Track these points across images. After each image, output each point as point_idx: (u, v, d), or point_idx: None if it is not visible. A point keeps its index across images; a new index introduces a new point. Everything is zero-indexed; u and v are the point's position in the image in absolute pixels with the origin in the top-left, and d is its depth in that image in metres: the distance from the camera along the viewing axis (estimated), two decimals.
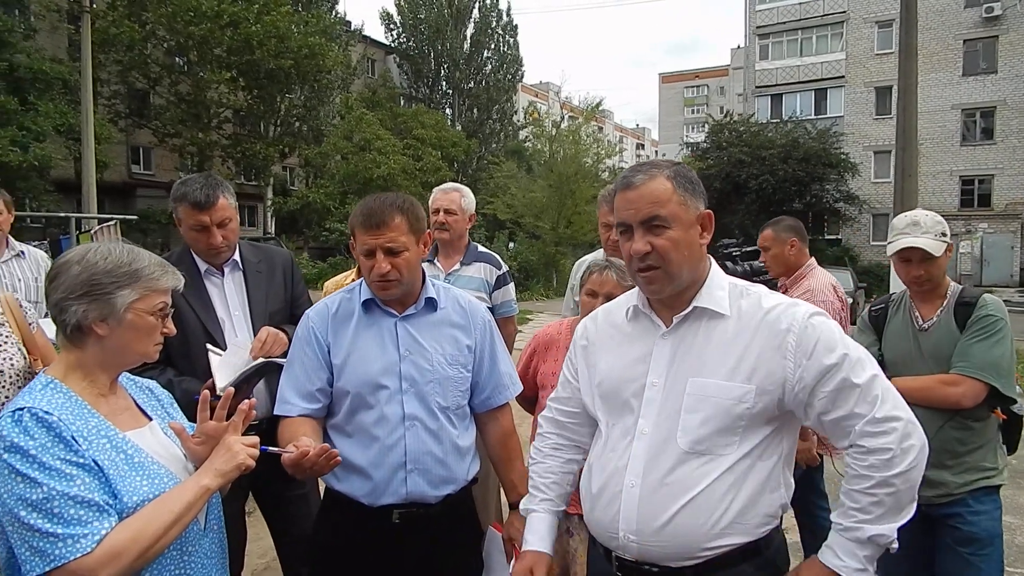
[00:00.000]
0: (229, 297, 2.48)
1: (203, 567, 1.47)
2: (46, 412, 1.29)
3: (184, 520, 1.35)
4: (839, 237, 28.85)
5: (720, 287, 1.56)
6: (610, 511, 1.55)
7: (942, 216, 2.49)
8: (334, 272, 20.27)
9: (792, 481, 1.56)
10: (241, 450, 1.46)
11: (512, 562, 2.05)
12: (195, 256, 2.47)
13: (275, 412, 1.95)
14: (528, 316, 16.09)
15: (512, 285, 3.36)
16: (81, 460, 1.29)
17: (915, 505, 1.44)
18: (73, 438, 1.30)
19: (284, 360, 2.23)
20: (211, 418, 1.52)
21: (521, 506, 1.88)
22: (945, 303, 2.42)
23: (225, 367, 2.25)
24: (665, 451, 1.49)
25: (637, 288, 1.66)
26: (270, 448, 1.67)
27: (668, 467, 1.48)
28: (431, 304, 2.03)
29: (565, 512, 2.39)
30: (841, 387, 1.42)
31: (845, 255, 26.44)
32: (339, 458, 1.70)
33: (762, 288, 1.60)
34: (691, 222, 1.53)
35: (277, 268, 2.63)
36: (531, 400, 2.60)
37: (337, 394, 1.95)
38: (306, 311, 2.07)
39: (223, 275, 2.50)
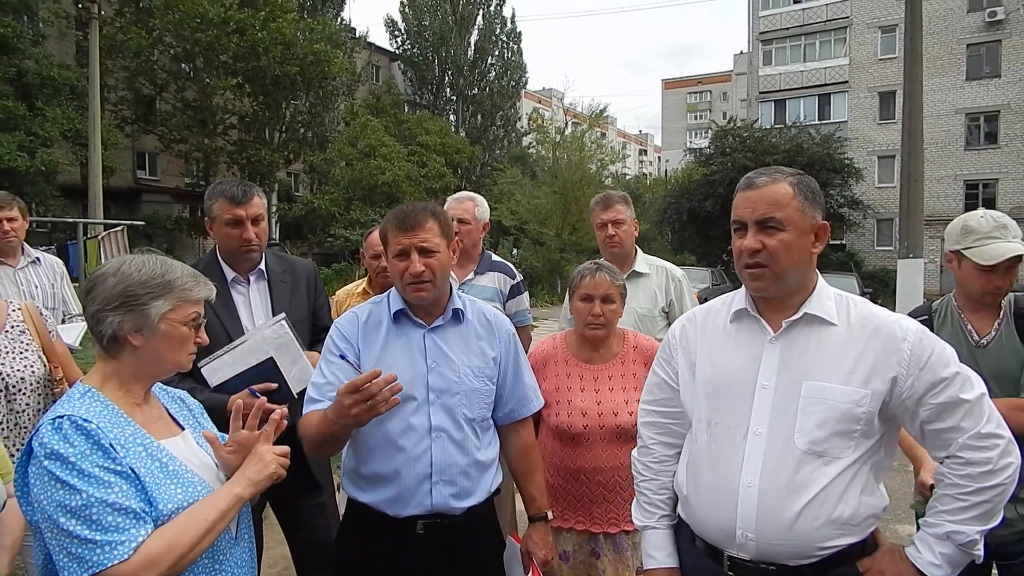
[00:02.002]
0: (254, 305, 2.51)
1: (234, 575, 1.48)
2: (85, 420, 1.31)
3: (217, 528, 1.36)
4: (843, 242, 28.80)
5: (828, 296, 1.60)
6: (725, 510, 1.57)
7: (947, 220, 2.35)
8: (339, 278, 20.32)
9: (883, 488, 1.61)
10: (273, 459, 1.48)
11: (529, 574, 2.06)
12: (222, 264, 2.50)
13: (303, 411, 1.93)
14: (533, 323, 16.04)
15: (526, 295, 3.36)
16: (119, 467, 1.30)
17: (1000, 518, 1.49)
18: (111, 445, 1.31)
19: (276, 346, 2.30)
20: (243, 427, 1.54)
21: (637, 523, 1.88)
22: (1002, 315, 2.21)
23: (220, 369, 2.28)
24: (784, 452, 1.53)
25: (738, 292, 1.70)
26: (347, 358, 1.73)
27: (789, 467, 1.52)
28: (457, 316, 2.03)
29: (589, 532, 2.40)
30: (950, 401, 1.48)
31: (850, 260, 26.42)
32: (399, 394, 1.66)
33: (865, 299, 1.65)
34: (806, 229, 1.56)
35: (301, 278, 2.66)
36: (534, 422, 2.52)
37: None
38: (335, 320, 2.07)
39: (249, 284, 2.53)
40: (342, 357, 1.85)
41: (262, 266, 2.56)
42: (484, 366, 2.02)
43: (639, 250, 3.35)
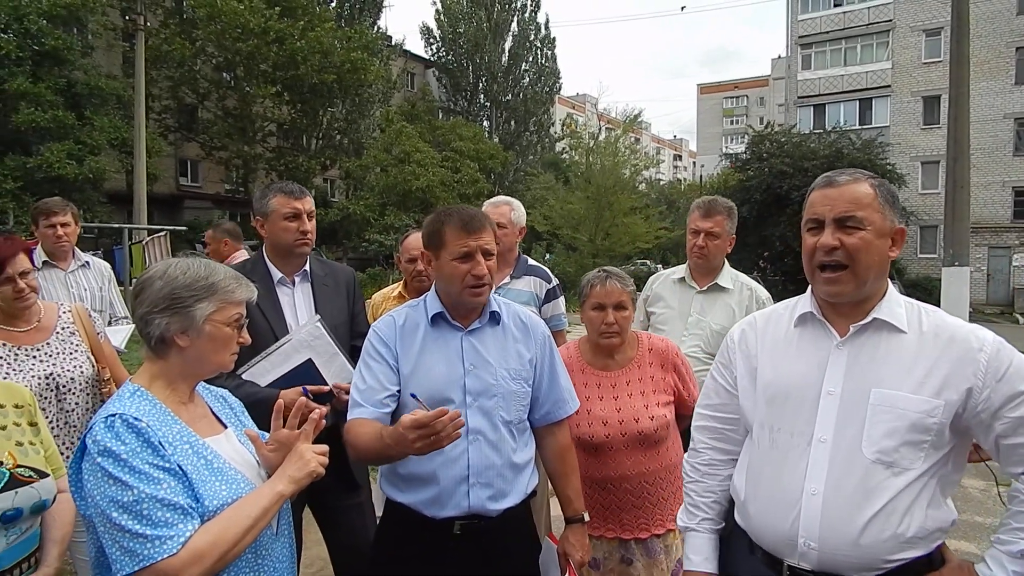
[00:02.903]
0: (298, 306, 2.59)
1: (275, 570, 1.52)
2: (135, 418, 1.35)
3: (260, 525, 1.40)
4: None
5: (898, 303, 1.56)
6: (787, 519, 1.54)
7: (994, 228, 2.22)
8: (373, 282, 20.55)
9: (951, 503, 1.55)
10: (312, 458, 1.51)
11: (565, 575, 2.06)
12: (269, 265, 2.60)
13: (348, 416, 1.95)
14: (567, 329, 15.98)
15: (562, 299, 3.35)
16: (167, 464, 1.34)
17: None
18: (160, 443, 1.36)
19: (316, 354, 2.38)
20: (283, 426, 1.57)
21: (680, 524, 1.87)
22: None
23: (262, 374, 2.37)
24: (851, 460, 1.49)
25: (802, 296, 1.66)
26: (418, 397, 1.71)
27: (856, 476, 1.48)
28: (494, 318, 2.04)
29: (620, 539, 2.38)
30: None
31: (892, 268, 25.73)
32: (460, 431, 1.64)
33: (938, 309, 1.59)
34: (886, 231, 1.52)
35: (341, 283, 2.74)
36: None
37: (403, 407, 1.95)
38: (373, 324, 2.09)
39: (294, 285, 2.62)
40: (413, 396, 1.82)
41: (307, 268, 2.65)
42: (521, 368, 2.03)
43: (727, 263, 3.21)
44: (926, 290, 23.11)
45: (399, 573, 1.98)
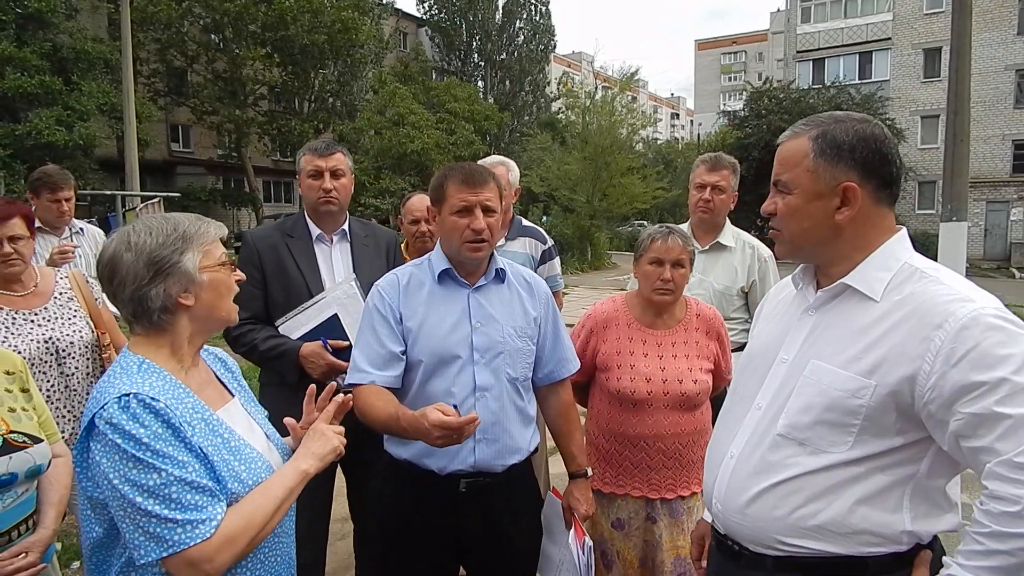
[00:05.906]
0: (335, 264, 2.64)
1: (284, 544, 1.50)
2: (153, 398, 1.26)
3: (286, 505, 1.35)
4: None
5: (884, 268, 1.35)
6: (711, 477, 1.53)
7: (993, 182, 2.12)
8: None
9: (941, 518, 1.32)
10: (334, 435, 1.46)
11: (571, 530, 2.10)
12: (308, 222, 2.64)
13: (348, 381, 1.95)
14: (564, 290, 15.99)
15: (557, 260, 3.34)
16: (189, 446, 1.27)
17: None
18: (180, 424, 1.28)
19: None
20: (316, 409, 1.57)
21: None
22: None
23: (296, 328, 2.50)
24: (767, 430, 1.41)
25: None
26: (455, 405, 1.70)
27: (763, 446, 1.40)
28: (499, 276, 2.05)
29: (647, 498, 2.41)
30: (984, 413, 1.16)
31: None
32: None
33: (947, 274, 1.33)
34: (818, 192, 1.35)
35: (382, 245, 2.77)
36: (583, 387, 2.50)
37: (410, 364, 1.96)
38: (375, 284, 2.07)
39: (332, 243, 2.66)
40: (453, 406, 1.78)
41: (346, 227, 2.69)
42: (526, 326, 2.04)
43: (729, 222, 3.17)
44: (923, 246, 22.96)
45: (406, 527, 2.00)
